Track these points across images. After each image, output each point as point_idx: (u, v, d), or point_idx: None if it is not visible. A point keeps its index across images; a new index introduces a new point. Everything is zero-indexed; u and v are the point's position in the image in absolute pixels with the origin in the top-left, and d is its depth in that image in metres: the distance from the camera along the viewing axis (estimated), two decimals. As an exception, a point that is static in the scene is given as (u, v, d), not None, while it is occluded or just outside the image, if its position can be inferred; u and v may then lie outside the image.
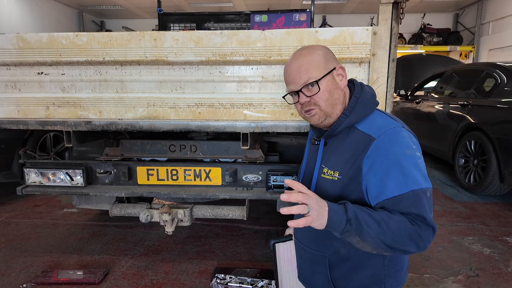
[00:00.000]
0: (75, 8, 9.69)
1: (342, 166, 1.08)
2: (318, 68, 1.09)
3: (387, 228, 0.94)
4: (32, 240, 2.73)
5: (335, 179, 1.09)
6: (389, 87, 1.76)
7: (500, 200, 3.68)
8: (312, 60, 1.09)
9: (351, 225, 0.94)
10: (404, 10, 1.69)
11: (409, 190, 0.97)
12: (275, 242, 1.38)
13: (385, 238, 0.95)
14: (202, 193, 2.09)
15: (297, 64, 1.10)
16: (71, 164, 2.17)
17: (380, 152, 1.01)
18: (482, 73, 4.07)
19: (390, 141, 1.01)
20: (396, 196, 0.97)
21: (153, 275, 2.23)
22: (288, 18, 4.06)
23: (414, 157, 1.00)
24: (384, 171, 0.99)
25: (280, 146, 2.55)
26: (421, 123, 5.10)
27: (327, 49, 1.14)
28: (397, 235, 0.95)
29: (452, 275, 2.23)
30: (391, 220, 0.95)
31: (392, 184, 0.98)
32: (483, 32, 8.85)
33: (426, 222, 0.96)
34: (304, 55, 1.11)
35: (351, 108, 1.10)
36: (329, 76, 1.10)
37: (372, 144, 1.02)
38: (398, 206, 0.97)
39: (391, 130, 1.03)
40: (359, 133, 1.08)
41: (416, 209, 0.96)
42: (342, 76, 1.12)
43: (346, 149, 1.09)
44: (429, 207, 0.99)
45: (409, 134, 1.05)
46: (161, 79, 1.85)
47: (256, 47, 1.74)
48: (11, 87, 1.95)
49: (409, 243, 0.95)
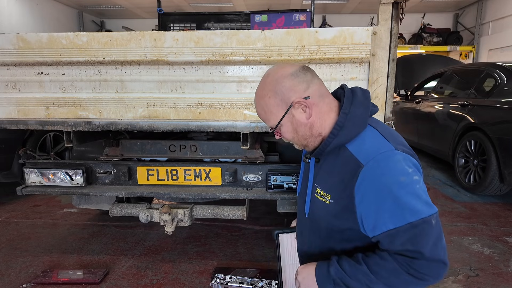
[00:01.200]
0: (75, 8, 9.69)
1: (333, 190, 1.01)
2: (272, 113, 1.03)
3: (380, 281, 0.92)
4: (32, 240, 2.73)
5: (327, 202, 1.03)
6: (389, 87, 1.76)
7: (500, 200, 3.68)
8: (265, 105, 1.02)
9: (338, 284, 0.96)
10: (404, 10, 1.69)
11: (406, 223, 0.87)
12: (279, 233, 1.36)
13: (379, 287, 0.92)
14: (202, 193, 2.09)
15: (257, 111, 1.08)
16: (71, 164, 2.17)
17: (370, 182, 0.92)
18: (482, 73, 4.07)
19: (380, 169, 0.91)
20: (391, 230, 0.89)
21: (153, 275, 2.23)
22: (288, 18, 4.06)
23: (410, 183, 0.90)
24: (377, 204, 0.91)
25: (280, 146, 2.55)
26: (421, 123, 5.10)
27: (279, 83, 1.00)
28: (395, 284, 0.91)
29: (452, 275, 2.23)
30: (381, 270, 0.91)
31: (386, 217, 0.90)
32: (483, 32, 8.85)
33: (426, 258, 0.87)
34: (259, 97, 1.04)
35: (339, 127, 0.99)
36: (286, 117, 1.01)
37: (360, 172, 0.92)
38: (394, 241, 0.90)
39: (380, 155, 0.92)
40: (349, 154, 0.97)
41: (412, 245, 0.87)
42: (304, 107, 0.99)
43: (336, 171, 1.01)
44: (434, 237, 0.88)
45: (404, 156, 0.93)
46: (161, 79, 1.85)
47: (256, 47, 1.74)
48: (11, 87, 1.95)
49: (409, 285, 0.91)
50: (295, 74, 1.00)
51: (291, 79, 1.00)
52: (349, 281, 0.94)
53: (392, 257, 0.91)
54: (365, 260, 0.94)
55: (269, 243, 2.66)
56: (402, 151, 0.94)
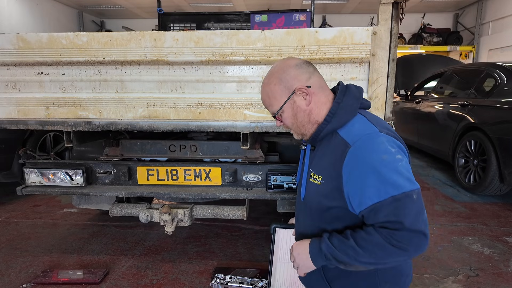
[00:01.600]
0: (75, 8, 9.69)
1: (324, 171, 1.11)
2: (275, 99, 1.13)
3: (366, 254, 0.98)
4: (32, 240, 2.73)
5: (318, 183, 1.12)
6: (389, 87, 1.76)
7: (500, 200, 3.68)
8: (270, 91, 1.13)
9: (329, 259, 1.04)
10: (404, 10, 1.69)
11: (388, 196, 0.95)
12: (276, 227, 1.38)
13: (367, 260, 0.99)
14: (202, 193, 2.09)
15: (262, 98, 1.19)
16: (71, 164, 2.17)
17: (356, 160, 1.01)
18: (482, 73, 4.07)
19: (365, 148, 1.01)
20: (376, 204, 0.96)
21: (153, 275, 2.23)
22: (288, 18, 4.06)
23: (392, 161, 0.98)
24: (362, 180, 0.99)
25: (280, 146, 2.55)
26: (421, 123, 5.10)
27: (284, 71, 1.11)
28: (380, 255, 0.97)
29: (452, 275, 2.23)
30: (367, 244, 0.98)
31: (370, 191, 0.97)
32: (483, 32, 8.84)
33: (406, 229, 0.93)
34: (264, 85, 1.15)
35: (332, 114, 1.10)
36: (288, 103, 1.12)
37: (348, 151, 1.02)
38: (378, 214, 0.96)
39: (365, 136, 1.02)
40: (340, 138, 1.08)
41: (394, 216, 0.94)
42: (305, 95, 1.10)
43: (327, 154, 1.11)
44: (415, 210, 0.95)
45: (388, 138, 1.03)
46: (161, 79, 1.85)
47: (256, 47, 1.74)
48: (11, 87, 1.95)
49: (396, 258, 0.97)
50: (299, 65, 1.12)
51: (296, 69, 1.12)
52: (338, 255, 1.02)
53: (377, 231, 0.97)
54: (353, 236, 1.02)
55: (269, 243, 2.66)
56: (386, 133, 1.04)
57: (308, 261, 1.09)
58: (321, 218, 1.15)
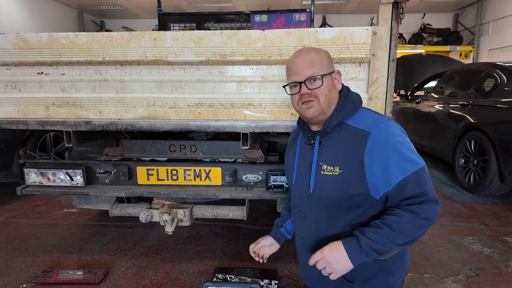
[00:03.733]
0: (75, 8, 9.69)
1: (342, 161, 1.16)
2: (323, 66, 1.19)
3: (401, 235, 1.06)
4: (32, 240, 2.73)
5: (336, 174, 1.16)
6: (389, 87, 1.76)
7: (500, 200, 3.68)
8: (319, 57, 1.20)
9: (370, 254, 1.09)
10: (404, 10, 1.69)
11: (411, 173, 1.07)
12: (208, 285, 1.48)
13: (403, 240, 1.07)
14: (202, 193, 2.09)
15: (305, 57, 1.20)
16: (71, 164, 2.17)
17: (378, 145, 1.11)
18: (482, 73, 4.06)
19: (384, 133, 1.12)
20: (401, 181, 1.08)
21: (153, 275, 2.23)
22: (288, 18, 4.06)
23: (406, 142, 1.12)
24: (386, 161, 1.09)
25: (280, 146, 2.55)
26: (421, 123, 5.10)
27: (329, 54, 1.26)
28: (412, 232, 1.07)
29: (452, 275, 2.23)
30: (401, 225, 1.07)
31: (395, 170, 1.08)
32: (483, 32, 8.84)
33: (429, 198, 1.07)
34: (312, 51, 1.22)
35: (341, 105, 1.21)
36: (330, 76, 1.20)
37: (368, 138, 1.12)
38: (405, 190, 1.08)
39: (382, 123, 1.14)
40: (352, 128, 1.17)
41: (420, 188, 1.07)
42: (338, 80, 1.24)
43: (342, 145, 1.17)
44: (430, 181, 1.11)
45: (396, 125, 1.17)
46: (161, 79, 1.85)
47: (256, 47, 1.74)
48: (11, 87, 1.95)
49: (424, 229, 1.08)
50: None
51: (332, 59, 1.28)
52: (379, 247, 1.07)
53: (405, 210, 1.08)
54: (384, 223, 1.09)
55: (269, 243, 2.66)
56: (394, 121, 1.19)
57: (347, 263, 1.10)
58: (339, 208, 1.20)
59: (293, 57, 1.23)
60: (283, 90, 1.78)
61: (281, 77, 1.79)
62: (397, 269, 1.23)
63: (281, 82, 1.79)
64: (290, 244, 2.62)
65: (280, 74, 1.79)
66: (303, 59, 1.20)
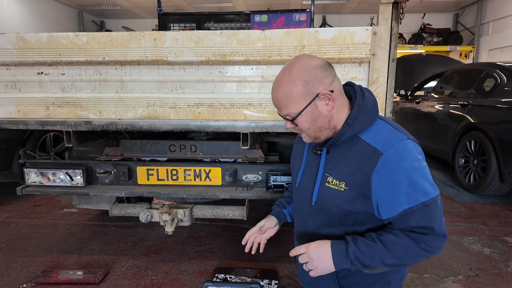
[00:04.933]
0: (75, 8, 9.69)
1: (349, 177, 1.07)
2: (296, 102, 1.04)
3: (393, 256, 1.01)
4: (32, 240, 2.73)
5: (341, 189, 1.08)
6: (389, 87, 1.76)
7: (500, 200, 3.68)
8: (290, 92, 1.03)
9: (355, 263, 1.04)
10: (404, 10, 1.69)
11: (419, 203, 0.99)
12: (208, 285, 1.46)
13: (392, 262, 1.02)
14: (202, 193, 2.09)
15: (276, 97, 1.07)
16: (71, 164, 2.17)
17: (389, 167, 1.00)
18: (482, 73, 4.06)
19: (398, 156, 1.01)
20: (406, 210, 0.99)
21: (153, 275, 2.23)
22: (288, 18, 4.06)
23: (421, 168, 1.01)
24: (394, 186, 1.00)
25: (280, 146, 2.55)
26: (421, 123, 5.10)
27: (310, 73, 1.02)
28: (405, 257, 1.01)
29: (452, 275, 2.23)
30: (396, 247, 1.01)
31: (402, 198, 1.00)
32: (483, 32, 8.84)
33: (435, 233, 1.00)
34: (284, 84, 1.04)
35: (354, 118, 1.06)
36: (309, 107, 1.04)
37: (380, 159, 1.01)
38: (408, 220, 1.00)
39: (398, 144, 1.02)
40: (364, 144, 1.06)
41: (425, 221, 0.99)
42: (328, 100, 1.04)
43: (351, 160, 1.07)
44: (440, 215, 1.01)
45: (415, 145, 1.05)
46: (161, 79, 1.85)
47: (256, 47, 1.74)
48: (11, 87, 1.95)
49: (419, 259, 1.02)
50: (324, 67, 1.05)
51: (321, 71, 1.04)
52: (365, 259, 1.02)
53: (405, 234, 1.01)
54: (380, 239, 1.03)
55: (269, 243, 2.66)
56: (412, 140, 1.06)
57: (330, 265, 1.06)
58: (342, 222, 1.14)
59: (272, 89, 1.10)
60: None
61: (281, 77, 1.79)
62: (395, 278, 1.20)
63: (281, 82, 1.79)
64: (290, 244, 2.62)
65: (280, 74, 1.79)
66: (274, 97, 1.08)
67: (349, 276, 1.18)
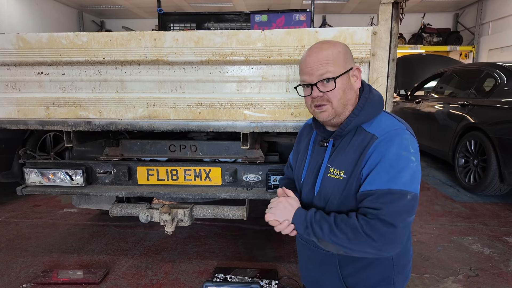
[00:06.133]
0: (75, 8, 9.69)
1: (347, 165, 1.10)
2: (337, 65, 1.08)
3: (338, 232, 1.03)
4: (32, 240, 2.73)
5: (340, 178, 1.11)
6: (389, 87, 1.76)
7: (500, 200, 3.68)
8: (333, 55, 1.09)
9: (307, 227, 1.10)
10: (404, 10, 1.69)
11: (386, 188, 1.00)
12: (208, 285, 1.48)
13: (337, 240, 1.04)
14: (202, 193, 2.09)
15: (317, 57, 1.09)
16: (71, 164, 2.17)
17: (378, 149, 1.04)
18: (482, 73, 4.07)
19: (390, 141, 1.04)
20: (373, 190, 1.02)
21: (153, 275, 2.23)
22: (288, 18, 4.06)
23: (407, 159, 1.02)
24: (375, 166, 1.04)
25: (280, 146, 2.55)
26: (421, 123, 5.10)
27: (347, 48, 1.14)
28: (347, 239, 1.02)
29: (452, 275, 2.23)
30: (342, 224, 1.04)
31: (377, 179, 1.02)
32: (483, 32, 8.84)
33: (379, 218, 0.98)
34: (326, 48, 1.10)
35: (360, 108, 1.11)
36: (345, 75, 1.10)
37: (375, 142, 1.05)
38: (370, 199, 1.02)
39: (394, 131, 1.06)
40: (365, 133, 1.10)
41: (380, 204, 0.99)
42: (356, 78, 1.13)
43: (351, 149, 1.11)
44: (404, 210, 0.99)
45: (411, 138, 1.07)
46: (161, 79, 1.85)
47: (256, 47, 1.74)
48: (11, 87, 1.95)
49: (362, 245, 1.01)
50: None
51: (351, 53, 1.16)
52: (315, 227, 1.08)
53: (357, 216, 1.04)
54: (334, 215, 1.08)
55: (269, 243, 2.66)
56: (411, 134, 1.09)
57: (288, 217, 1.14)
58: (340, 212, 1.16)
59: (305, 54, 1.13)
60: (283, 90, 1.79)
61: (281, 77, 1.79)
62: (400, 280, 1.20)
63: (281, 82, 1.79)
64: (290, 244, 2.62)
65: (280, 74, 1.79)
66: (315, 57, 1.09)
67: (353, 275, 1.18)
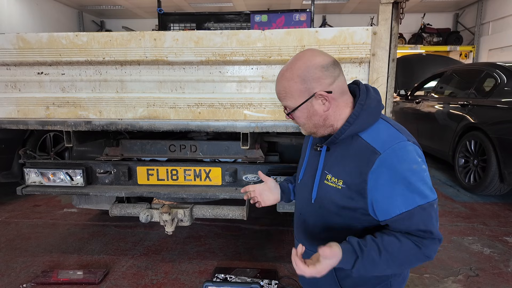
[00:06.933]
0: (75, 8, 9.69)
1: (346, 175, 1.08)
2: (293, 98, 1.06)
3: (393, 260, 1.00)
4: (32, 240, 2.73)
5: (339, 187, 1.09)
6: (389, 87, 1.76)
7: (500, 200, 3.68)
8: (289, 87, 1.06)
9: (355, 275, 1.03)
10: (404, 10, 1.69)
11: (416, 206, 0.98)
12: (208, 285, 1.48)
13: (394, 270, 1.04)
14: (202, 193, 2.09)
15: (277, 87, 1.11)
16: (71, 164, 2.17)
17: (386, 168, 1.00)
18: (482, 73, 4.07)
19: (396, 157, 1.00)
20: (404, 213, 0.99)
21: (153, 275, 2.23)
22: (288, 18, 4.06)
23: (420, 171, 1.00)
24: (391, 188, 0.99)
25: (280, 146, 2.55)
26: (421, 123, 5.10)
27: (309, 71, 1.03)
28: (405, 261, 1.01)
29: (452, 275, 2.23)
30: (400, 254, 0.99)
31: (399, 200, 0.99)
32: (483, 32, 8.84)
33: (433, 236, 0.99)
34: (285, 78, 1.07)
35: (355, 116, 1.06)
36: (305, 104, 1.06)
37: (377, 159, 1.00)
38: (406, 223, 0.99)
39: (397, 145, 1.01)
40: (363, 143, 1.05)
41: (424, 225, 0.99)
42: (324, 100, 1.05)
43: (350, 159, 1.08)
44: (436, 219, 1.01)
45: (415, 147, 1.04)
46: (161, 79, 1.85)
47: (256, 47, 1.74)
48: (11, 87, 1.95)
49: (417, 263, 1.03)
50: (325, 68, 1.04)
51: (321, 71, 1.04)
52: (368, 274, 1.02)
53: (407, 238, 1.00)
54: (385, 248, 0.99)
55: (269, 243, 2.66)
56: (413, 142, 1.05)
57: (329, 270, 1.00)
58: (340, 220, 1.14)
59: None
60: (283, 90, 1.79)
61: (281, 77, 1.79)
62: (397, 282, 1.19)
63: (281, 82, 1.79)
64: (290, 244, 2.62)
65: (280, 74, 1.79)
66: (276, 86, 1.11)
67: (349, 278, 1.17)
